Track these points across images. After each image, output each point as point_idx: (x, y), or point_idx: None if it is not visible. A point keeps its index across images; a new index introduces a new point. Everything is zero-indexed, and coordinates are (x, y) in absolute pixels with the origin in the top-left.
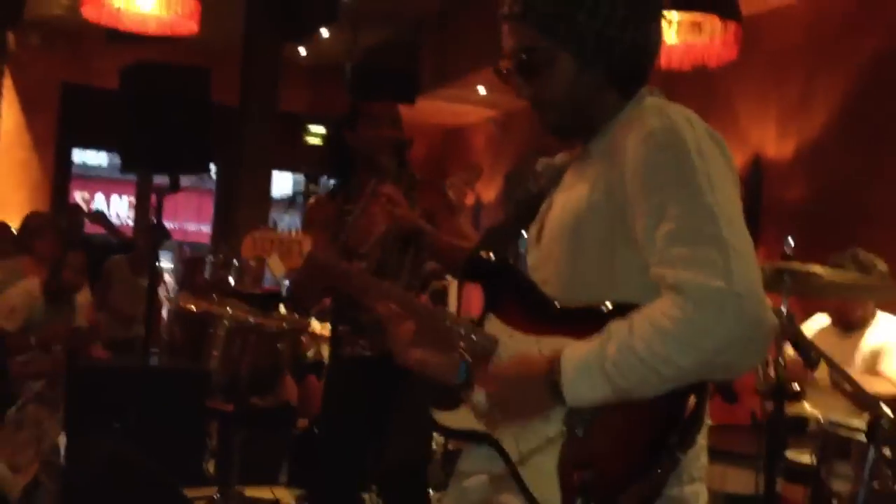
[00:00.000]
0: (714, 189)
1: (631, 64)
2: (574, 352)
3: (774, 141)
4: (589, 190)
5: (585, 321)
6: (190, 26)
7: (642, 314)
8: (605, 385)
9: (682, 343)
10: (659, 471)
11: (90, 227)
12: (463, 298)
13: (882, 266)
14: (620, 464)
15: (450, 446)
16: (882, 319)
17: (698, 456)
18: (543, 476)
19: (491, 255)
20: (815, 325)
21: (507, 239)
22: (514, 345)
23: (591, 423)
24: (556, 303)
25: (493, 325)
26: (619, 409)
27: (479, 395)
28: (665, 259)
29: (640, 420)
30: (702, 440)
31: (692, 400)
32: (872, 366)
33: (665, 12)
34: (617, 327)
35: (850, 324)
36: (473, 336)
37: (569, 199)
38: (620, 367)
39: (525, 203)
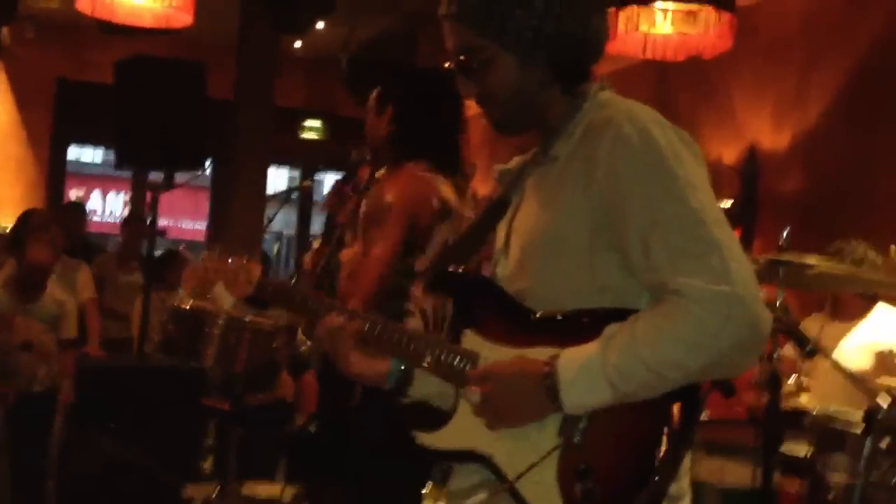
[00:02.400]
0: (696, 192)
1: (572, 59)
2: (572, 357)
3: (770, 132)
4: (564, 200)
5: (570, 329)
6: (184, 19)
7: (644, 319)
8: (605, 390)
9: (692, 347)
10: (663, 470)
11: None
12: None
13: (873, 256)
14: (623, 468)
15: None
16: (881, 310)
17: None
18: (543, 489)
19: (460, 269)
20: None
21: (472, 251)
22: (496, 358)
23: (587, 431)
24: (536, 313)
25: (471, 341)
26: (615, 412)
27: (474, 396)
28: (662, 267)
29: (638, 422)
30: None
31: (689, 398)
32: (882, 361)
33: (659, 2)
34: (615, 331)
35: (844, 314)
36: (453, 353)
37: (539, 209)
38: (624, 372)
39: (489, 212)
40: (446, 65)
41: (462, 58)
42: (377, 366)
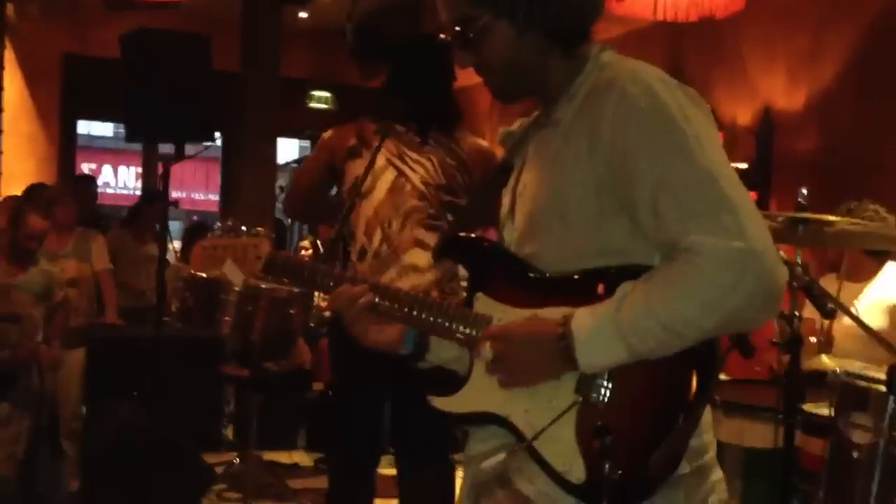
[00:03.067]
0: (705, 150)
1: (568, 21)
2: (586, 316)
3: (784, 92)
4: (569, 163)
5: (582, 288)
6: None
7: (657, 277)
8: (620, 348)
9: (706, 304)
10: (682, 427)
11: (101, 199)
12: None
13: (884, 215)
14: (642, 425)
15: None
16: (892, 269)
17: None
18: (562, 446)
19: (471, 234)
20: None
21: (481, 215)
22: (509, 319)
23: (605, 388)
24: (547, 273)
25: (484, 305)
26: (633, 370)
27: (486, 353)
28: (672, 226)
29: (655, 380)
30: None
31: (705, 361)
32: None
33: None
34: (629, 290)
35: (857, 275)
36: (464, 318)
37: (544, 173)
38: (639, 330)
39: (496, 175)
40: (441, 36)
41: (457, 28)
42: (393, 333)
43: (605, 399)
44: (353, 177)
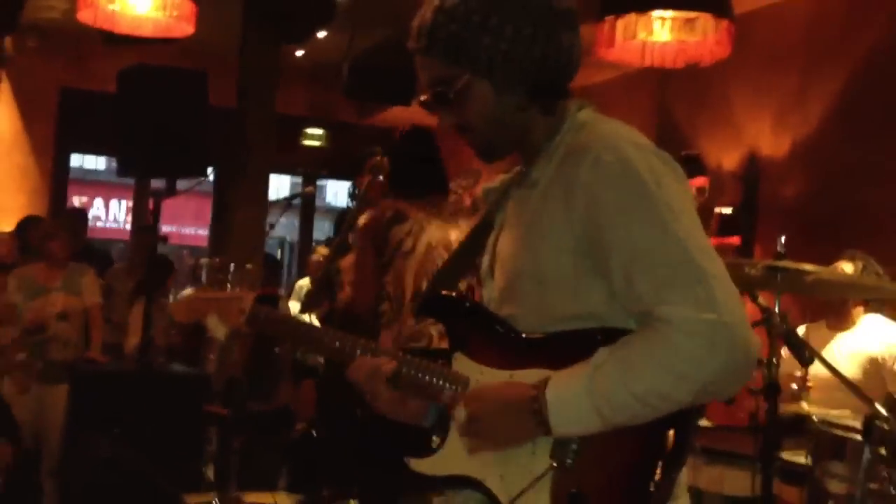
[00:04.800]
0: (678, 217)
1: (547, 79)
2: (560, 384)
3: (770, 138)
4: (545, 227)
5: (559, 350)
6: (186, 28)
7: (631, 347)
8: (594, 419)
9: (679, 377)
10: (657, 493)
11: (91, 233)
12: None
13: (873, 265)
14: (617, 490)
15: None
16: (869, 321)
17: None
18: None
19: (452, 292)
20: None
21: (463, 272)
22: (487, 381)
23: (580, 453)
24: (523, 335)
25: (462, 364)
26: (607, 435)
27: (460, 414)
28: (645, 297)
29: (630, 445)
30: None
31: (681, 424)
32: (873, 371)
33: (657, 10)
34: (604, 359)
35: (837, 323)
36: (443, 378)
37: (521, 235)
38: (612, 402)
39: (475, 233)
40: (421, 98)
41: (438, 89)
42: (415, 404)
43: (580, 464)
44: (398, 240)
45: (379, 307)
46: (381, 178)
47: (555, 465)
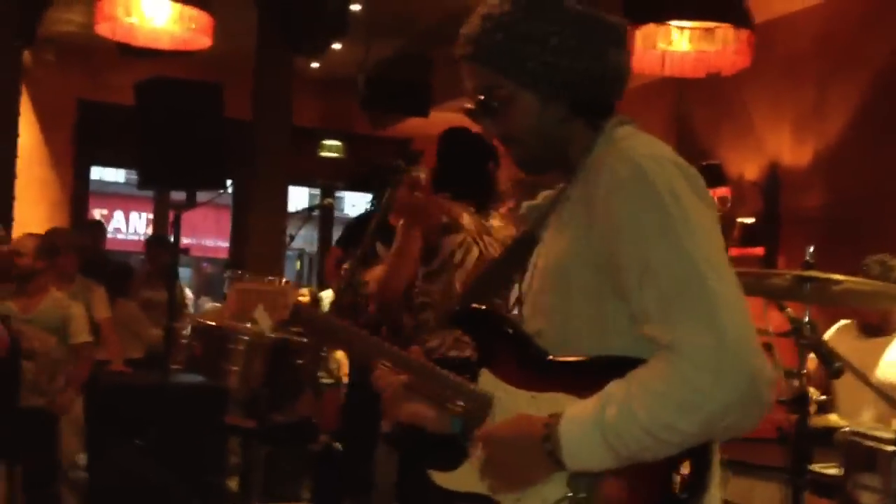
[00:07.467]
0: (693, 233)
1: (592, 93)
2: (572, 418)
3: (791, 148)
4: (570, 240)
5: (581, 376)
6: (203, 41)
7: (639, 377)
8: (606, 453)
9: (683, 407)
10: None
11: (110, 244)
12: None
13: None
14: None
15: None
16: None
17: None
18: None
19: (483, 306)
20: (836, 328)
21: (498, 286)
22: (510, 400)
23: (596, 484)
24: (549, 356)
25: (487, 381)
26: (626, 467)
27: (479, 455)
28: (654, 316)
29: (648, 474)
30: (713, 490)
31: (699, 452)
32: None
33: (677, 21)
34: (615, 391)
35: (874, 328)
36: (467, 394)
37: (553, 248)
38: (622, 435)
39: (514, 248)
40: (467, 106)
41: (482, 98)
42: (431, 410)
43: (597, 494)
44: (450, 250)
45: (419, 315)
46: (417, 193)
47: (570, 494)
